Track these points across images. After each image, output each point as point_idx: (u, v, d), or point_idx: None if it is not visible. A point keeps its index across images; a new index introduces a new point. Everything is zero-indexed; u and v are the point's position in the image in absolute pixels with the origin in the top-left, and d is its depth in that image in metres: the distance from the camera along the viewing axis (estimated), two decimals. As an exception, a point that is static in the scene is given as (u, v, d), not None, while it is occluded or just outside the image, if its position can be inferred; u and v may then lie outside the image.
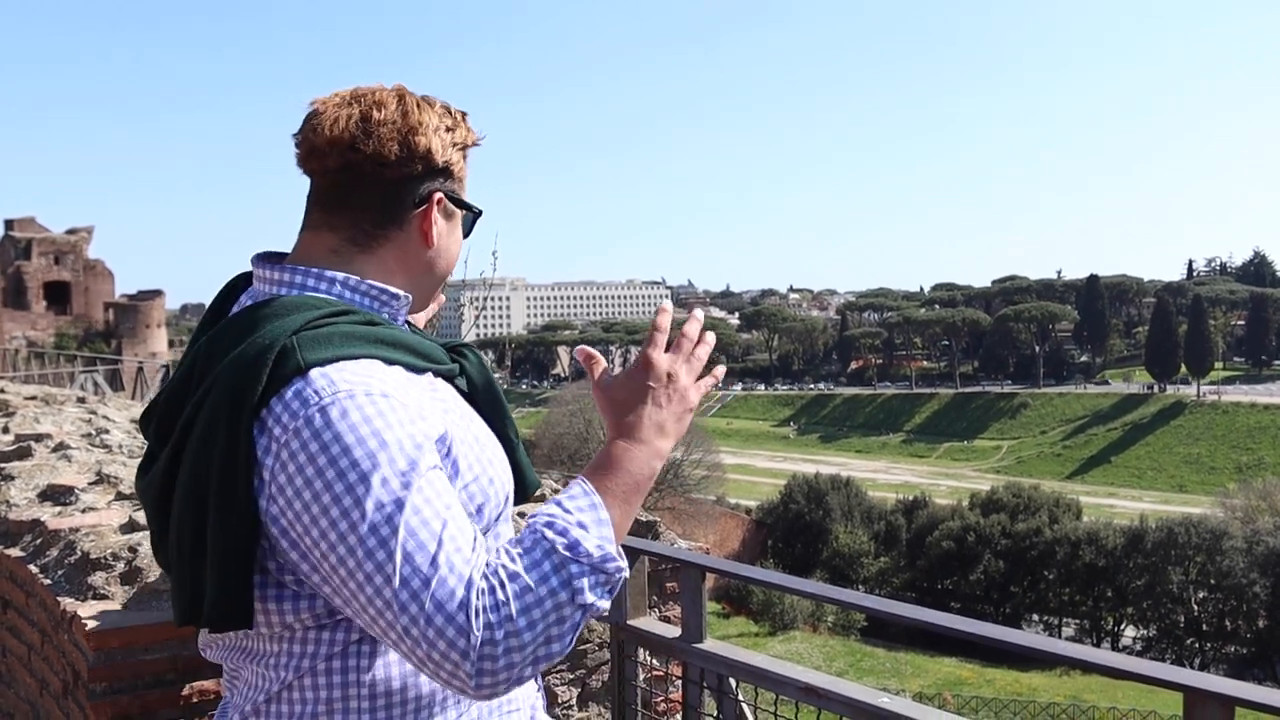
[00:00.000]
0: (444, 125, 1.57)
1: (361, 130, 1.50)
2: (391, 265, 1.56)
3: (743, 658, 2.35)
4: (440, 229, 1.58)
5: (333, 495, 1.29)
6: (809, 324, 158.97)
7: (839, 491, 53.46)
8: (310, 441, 1.31)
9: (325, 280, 1.52)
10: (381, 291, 1.54)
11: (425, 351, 1.54)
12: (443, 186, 1.58)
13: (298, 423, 1.33)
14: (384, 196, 1.53)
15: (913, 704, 2.05)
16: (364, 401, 1.33)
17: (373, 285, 1.54)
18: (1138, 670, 1.80)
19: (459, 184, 1.62)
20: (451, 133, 1.58)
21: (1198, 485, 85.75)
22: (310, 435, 1.32)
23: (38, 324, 63.02)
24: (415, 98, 1.58)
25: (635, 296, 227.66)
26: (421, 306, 1.67)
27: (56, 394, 7.94)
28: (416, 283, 1.60)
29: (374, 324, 1.48)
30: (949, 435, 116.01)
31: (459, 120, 1.61)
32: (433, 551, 1.26)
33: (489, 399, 1.66)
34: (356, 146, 1.50)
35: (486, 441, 1.56)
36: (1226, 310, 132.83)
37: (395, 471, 1.29)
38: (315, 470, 1.30)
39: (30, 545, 3.28)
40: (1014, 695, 34.22)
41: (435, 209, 1.56)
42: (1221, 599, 43.99)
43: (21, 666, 3.22)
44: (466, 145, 1.62)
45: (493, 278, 8.16)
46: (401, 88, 1.59)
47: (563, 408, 56.70)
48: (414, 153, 1.52)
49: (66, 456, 4.28)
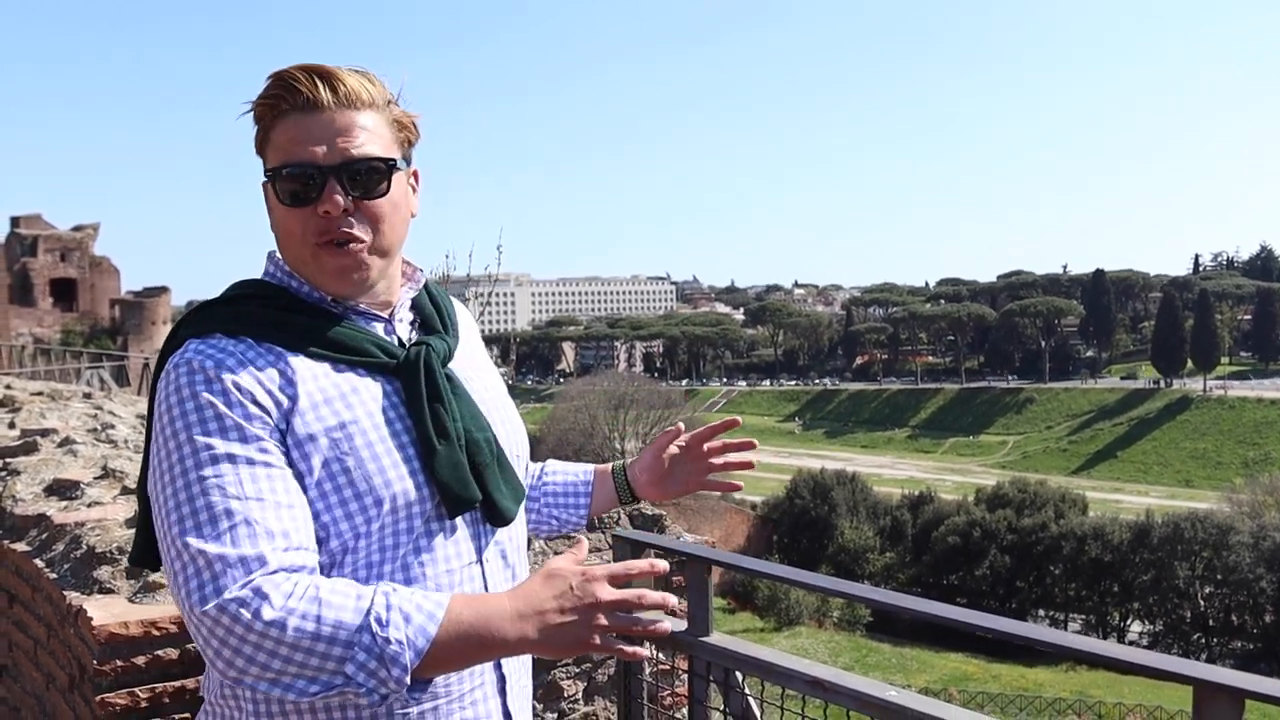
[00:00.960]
0: (252, 108, 1.58)
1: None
2: (281, 250, 1.64)
3: (749, 651, 2.34)
4: (270, 207, 1.61)
5: (162, 449, 1.46)
6: (814, 319, 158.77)
7: (844, 487, 53.47)
8: (164, 402, 1.48)
9: (272, 263, 1.65)
10: (289, 274, 1.62)
11: (331, 340, 1.55)
12: (266, 171, 1.59)
13: (163, 380, 1.51)
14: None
15: (921, 697, 2.05)
16: (206, 374, 1.46)
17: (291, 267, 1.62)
18: (1146, 662, 1.79)
19: (266, 156, 1.59)
20: (252, 114, 1.59)
21: (1204, 480, 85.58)
22: (165, 397, 1.48)
23: (44, 320, 63.13)
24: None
25: (640, 292, 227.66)
26: (319, 280, 1.59)
27: (62, 390, 7.96)
28: (292, 260, 1.62)
29: (283, 309, 1.56)
30: (954, 430, 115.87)
31: (269, 87, 1.57)
32: (210, 531, 1.38)
33: (410, 399, 1.57)
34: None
35: (376, 443, 1.51)
36: (1233, 305, 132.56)
37: (209, 450, 1.41)
38: (164, 429, 1.47)
39: (36, 540, 3.29)
40: (1020, 690, 34.25)
41: (267, 197, 1.61)
42: (1228, 594, 43.99)
43: (28, 660, 3.23)
44: (259, 117, 1.58)
45: (497, 273, 8.16)
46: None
47: (568, 403, 56.81)
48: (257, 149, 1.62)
49: (72, 451, 4.29)
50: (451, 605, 1.37)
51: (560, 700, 2.99)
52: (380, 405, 1.54)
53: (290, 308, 1.57)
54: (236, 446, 1.42)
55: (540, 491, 2.04)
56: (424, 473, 1.53)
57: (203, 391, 1.44)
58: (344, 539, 1.48)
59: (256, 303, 1.57)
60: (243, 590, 1.33)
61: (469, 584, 1.58)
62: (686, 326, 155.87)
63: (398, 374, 1.58)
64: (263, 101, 1.56)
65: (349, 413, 1.51)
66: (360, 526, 1.48)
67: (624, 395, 54.08)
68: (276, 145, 1.55)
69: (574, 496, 2.05)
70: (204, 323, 1.54)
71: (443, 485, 1.53)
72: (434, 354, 1.61)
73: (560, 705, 2.98)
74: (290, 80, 1.54)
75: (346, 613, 1.33)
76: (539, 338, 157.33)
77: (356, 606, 1.34)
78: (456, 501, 1.55)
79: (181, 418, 1.44)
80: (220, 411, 1.43)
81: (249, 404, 1.45)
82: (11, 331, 54.96)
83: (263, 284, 1.62)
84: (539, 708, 2.94)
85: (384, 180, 1.57)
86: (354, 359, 1.55)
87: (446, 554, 1.55)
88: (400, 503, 1.50)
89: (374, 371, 1.57)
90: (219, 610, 1.32)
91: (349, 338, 1.56)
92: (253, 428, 1.44)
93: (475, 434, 1.61)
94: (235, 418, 1.43)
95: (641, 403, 53.61)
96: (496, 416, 1.71)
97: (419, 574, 1.52)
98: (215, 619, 1.33)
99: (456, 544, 1.57)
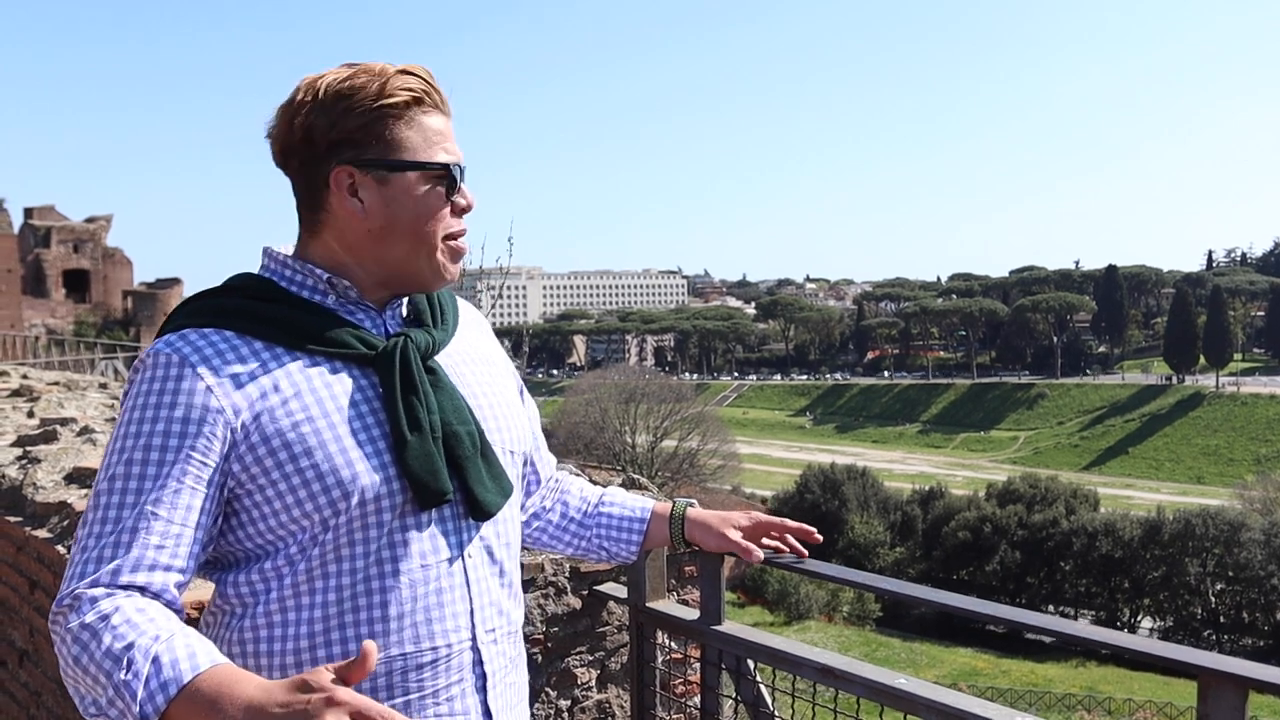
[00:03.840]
0: (339, 96, 1.52)
1: (277, 125, 1.58)
2: (335, 246, 1.60)
3: (761, 639, 2.36)
4: (370, 200, 1.55)
5: (108, 447, 1.50)
6: (825, 314, 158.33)
7: (855, 482, 53.40)
8: (124, 393, 1.54)
9: (275, 261, 1.63)
10: (310, 272, 1.60)
11: (306, 332, 1.54)
12: (351, 157, 1.54)
13: (130, 374, 1.55)
14: (301, 184, 1.60)
15: (931, 685, 2.07)
16: (159, 370, 1.49)
17: (305, 265, 1.60)
18: (1149, 650, 1.81)
19: (387, 147, 1.54)
20: (349, 99, 1.52)
21: (1216, 477, 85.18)
22: (126, 390, 1.53)
23: (57, 311, 63.34)
24: (323, 75, 1.56)
25: (651, 286, 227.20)
26: (418, 275, 1.61)
27: (78, 380, 8.01)
28: (376, 257, 1.59)
29: (263, 300, 1.57)
30: (965, 426, 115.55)
31: (376, 79, 1.54)
32: (109, 523, 1.42)
33: (385, 391, 1.55)
34: (272, 143, 1.60)
35: (344, 435, 1.50)
36: (1246, 301, 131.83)
37: (138, 444, 1.45)
38: (117, 423, 1.52)
39: (58, 527, 3.33)
40: (1029, 685, 34.19)
41: (342, 185, 1.55)
42: (1239, 591, 43.82)
43: (49, 646, 3.26)
44: (377, 108, 1.53)
45: (509, 266, 8.18)
46: (342, 66, 1.58)
47: (579, 396, 56.86)
48: (299, 137, 1.55)
49: (91, 440, 4.33)
50: (202, 676, 1.25)
51: (573, 688, 3.02)
52: (352, 398, 1.54)
53: (275, 299, 1.58)
54: (157, 454, 1.45)
55: (595, 520, 2.00)
56: (395, 465, 1.52)
57: (155, 388, 1.48)
58: (312, 531, 1.49)
59: (239, 294, 1.58)
60: (69, 598, 1.38)
61: (448, 579, 1.56)
62: (698, 320, 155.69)
63: (374, 365, 1.57)
64: (406, 92, 1.55)
65: (317, 407, 1.51)
66: (329, 519, 1.48)
67: (635, 389, 54.11)
68: (421, 138, 1.56)
69: (628, 532, 2.01)
70: (183, 316, 1.56)
71: (412, 477, 1.52)
72: (412, 345, 1.59)
73: (573, 693, 3.02)
74: (428, 79, 1.58)
75: (118, 644, 1.30)
76: (550, 331, 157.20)
77: (125, 643, 1.30)
78: (426, 494, 1.52)
79: (130, 410, 1.49)
80: (163, 414, 1.46)
81: (199, 404, 1.47)
82: (25, 322, 55.14)
83: (251, 276, 1.63)
84: (552, 695, 2.97)
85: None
86: (331, 351, 1.54)
87: (422, 549, 1.55)
88: (369, 495, 1.50)
89: (350, 363, 1.56)
90: (55, 609, 1.38)
91: (328, 330, 1.55)
92: (190, 433, 1.46)
93: (456, 427, 1.59)
94: (176, 420, 1.46)
95: (652, 396, 53.64)
96: (489, 411, 1.68)
97: (390, 569, 1.52)
98: (54, 613, 1.39)
99: (434, 539, 1.56)
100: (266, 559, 1.52)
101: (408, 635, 1.53)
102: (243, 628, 1.52)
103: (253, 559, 1.53)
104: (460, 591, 1.58)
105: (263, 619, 1.52)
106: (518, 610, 1.71)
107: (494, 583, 1.64)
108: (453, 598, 1.57)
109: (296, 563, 1.50)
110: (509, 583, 1.68)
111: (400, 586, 1.52)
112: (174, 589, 1.43)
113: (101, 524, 1.42)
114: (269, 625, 1.51)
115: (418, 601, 1.54)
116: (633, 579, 2.68)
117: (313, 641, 1.51)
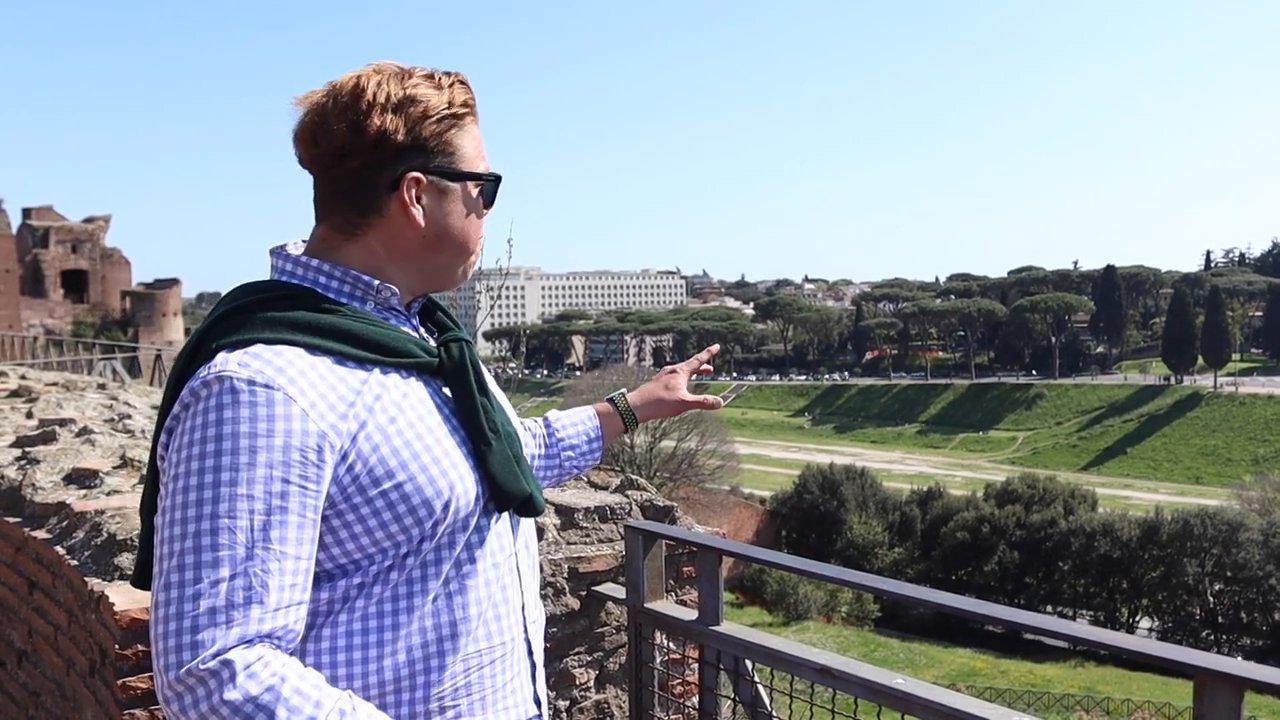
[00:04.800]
0: (410, 100, 1.49)
1: (319, 123, 1.49)
2: (379, 251, 1.55)
3: (759, 640, 2.37)
4: (430, 207, 1.53)
5: (178, 483, 1.35)
6: (824, 314, 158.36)
7: (853, 482, 53.38)
8: (188, 422, 1.37)
9: (300, 265, 1.54)
10: (356, 279, 1.54)
11: (375, 342, 1.49)
12: (421, 164, 1.51)
13: (190, 399, 1.38)
14: (355, 185, 1.51)
15: (928, 685, 2.07)
16: (242, 395, 1.35)
17: (348, 271, 1.53)
18: (1144, 650, 1.81)
19: (451, 156, 1.54)
20: (423, 104, 1.50)
21: (1214, 477, 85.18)
22: (189, 418, 1.37)
23: (55, 312, 63.30)
24: (381, 76, 1.50)
25: (650, 286, 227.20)
26: (447, 282, 1.63)
27: (77, 380, 8.01)
28: (419, 264, 1.58)
29: (319, 310, 1.48)
30: (964, 426, 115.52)
31: (438, 89, 1.52)
32: (209, 577, 1.31)
33: (461, 396, 1.56)
34: (317, 141, 1.50)
35: (434, 445, 1.49)
36: (1244, 301, 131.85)
37: (244, 479, 1.33)
38: (184, 455, 1.36)
39: (57, 527, 3.33)
40: (1028, 686, 34.20)
41: (411, 191, 1.51)
42: (1237, 591, 43.86)
43: (48, 646, 3.27)
44: (446, 116, 1.52)
45: (508, 266, 8.18)
46: (379, 66, 1.53)
47: (578, 397, 56.75)
48: (369, 138, 1.47)
49: (90, 441, 4.33)
50: None
51: (572, 688, 3.02)
52: (430, 406, 1.52)
53: (328, 309, 1.50)
54: (260, 486, 1.34)
55: (558, 448, 2.04)
56: (478, 470, 1.53)
57: (244, 414, 1.35)
58: (413, 542, 1.46)
59: (290, 304, 1.49)
60: (214, 661, 1.28)
61: (510, 575, 1.60)
62: (696, 321, 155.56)
63: (437, 373, 1.55)
64: (467, 101, 1.56)
65: (403, 419, 1.47)
66: (427, 529, 1.46)
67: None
68: (472, 149, 1.57)
69: (590, 442, 2.07)
70: (238, 330, 1.44)
71: (496, 481, 1.53)
72: (473, 351, 1.60)
73: (572, 693, 3.02)
74: (472, 89, 1.57)
75: (300, 716, 1.29)
76: (549, 331, 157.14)
77: (312, 715, 1.30)
78: (508, 496, 1.54)
79: (217, 440, 1.34)
80: (261, 443, 1.35)
81: (299, 430, 1.37)
82: (23, 323, 55.10)
83: (284, 285, 1.53)
84: (551, 695, 2.98)
85: None
86: (400, 361, 1.51)
87: (493, 548, 1.57)
88: (462, 502, 1.50)
89: (414, 372, 1.53)
90: (189, 675, 1.28)
91: (392, 339, 1.51)
92: (288, 460, 1.36)
93: (509, 427, 1.62)
94: (278, 449, 1.35)
95: (651, 397, 53.51)
96: (507, 409, 1.72)
97: (471, 569, 1.53)
98: (186, 684, 1.28)
99: (499, 537, 1.58)
100: (344, 577, 1.46)
101: (482, 633, 1.54)
102: (319, 649, 1.45)
103: (330, 577, 1.46)
104: (515, 587, 1.62)
105: (357, 636, 1.45)
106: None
107: (532, 574, 1.70)
108: (513, 592, 1.61)
109: (380, 580, 1.46)
110: (537, 573, 1.75)
111: (479, 586, 1.54)
112: (297, 630, 1.38)
113: (215, 567, 1.31)
114: (364, 645, 1.45)
115: (491, 599, 1.56)
116: (631, 580, 2.69)
117: (395, 634, 1.47)
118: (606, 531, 3.20)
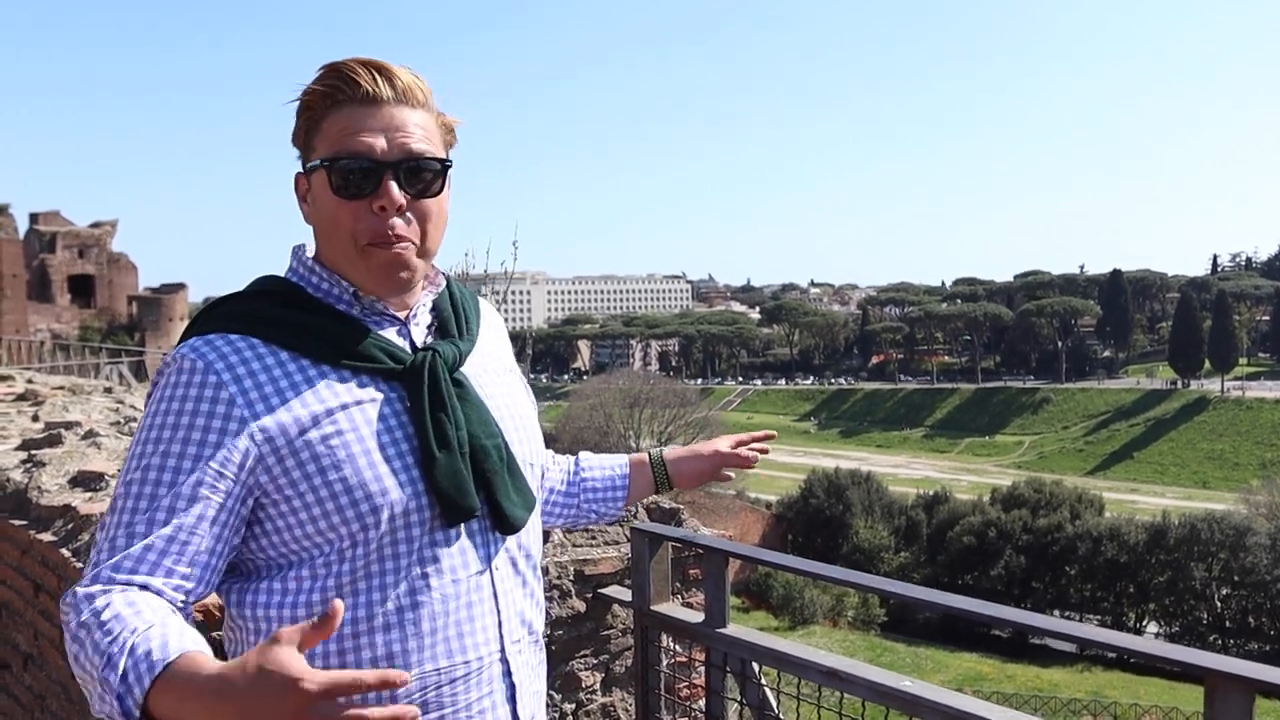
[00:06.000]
0: (303, 102, 1.57)
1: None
2: (320, 249, 1.62)
3: (765, 642, 2.36)
4: (312, 201, 1.59)
5: (136, 436, 1.50)
6: (830, 318, 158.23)
7: (859, 486, 53.25)
8: (149, 393, 1.53)
9: (303, 265, 1.63)
10: (336, 281, 1.59)
11: (336, 344, 1.52)
12: (303, 161, 1.60)
13: (156, 375, 1.53)
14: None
15: (935, 687, 2.06)
16: (183, 376, 1.47)
17: (333, 274, 1.59)
18: (1157, 652, 1.80)
19: (313, 150, 1.56)
20: (303, 103, 1.57)
21: (1221, 481, 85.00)
22: (150, 389, 1.53)
23: (62, 316, 63.40)
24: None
25: (656, 290, 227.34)
26: (372, 280, 1.56)
27: (83, 384, 8.02)
28: (334, 259, 1.58)
29: (290, 308, 1.55)
30: (970, 430, 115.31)
31: (315, 84, 1.55)
32: (120, 527, 1.42)
33: (415, 407, 1.54)
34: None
35: (372, 450, 1.49)
36: (1251, 305, 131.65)
37: (157, 450, 1.45)
38: (139, 422, 1.53)
39: (62, 530, 3.33)
40: (1035, 691, 34.10)
41: (302, 190, 1.61)
42: (1245, 595, 43.71)
43: (53, 649, 3.27)
44: (303, 109, 1.57)
45: (513, 270, 8.17)
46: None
47: (583, 401, 56.84)
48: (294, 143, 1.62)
49: (96, 444, 4.33)
50: (174, 663, 1.24)
51: (578, 691, 3.01)
52: (380, 413, 1.52)
53: (304, 307, 1.56)
54: (174, 460, 1.43)
55: (580, 488, 2.02)
56: (424, 481, 1.51)
57: (178, 394, 1.47)
58: (340, 545, 1.48)
59: (268, 301, 1.56)
60: (71, 595, 1.38)
61: (476, 593, 1.57)
62: (702, 325, 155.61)
63: (402, 380, 1.55)
64: (317, 90, 1.53)
65: (347, 421, 1.49)
66: (357, 535, 1.47)
67: (639, 394, 54.09)
68: (328, 136, 1.53)
69: (613, 490, 2.04)
70: (210, 320, 1.54)
71: (441, 494, 1.51)
72: (440, 361, 1.57)
73: (578, 696, 3.01)
74: (348, 72, 1.52)
75: (105, 639, 1.29)
76: (555, 336, 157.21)
77: (110, 638, 1.29)
78: (455, 510, 1.52)
79: (152, 415, 1.48)
80: (184, 420, 1.45)
81: (222, 414, 1.45)
82: (30, 327, 55.24)
83: (281, 281, 1.61)
84: (557, 698, 2.97)
85: (438, 180, 1.57)
86: (359, 365, 1.52)
87: (453, 564, 1.54)
88: (398, 511, 1.49)
89: (379, 378, 1.54)
90: (62, 606, 1.40)
91: (357, 343, 1.54)
92: (209, 441, 1.44)
93: (483, 441, 1.58)
94: (197, 429, 1.45)
95: (657, 401, 53.60)
96: (511, 424, 1.68)
97: (423, 584, 1.51)
98: (61, 613, 1.41)
99: (463, 553, 1.56)
100: (290, 569, 1.50)
101: (441, 650, 1.52)
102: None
103: (275, 568, 1.51)
104: (489, 604, 1.59)
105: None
106: (539, 618, 1.72)
107: (519, 593, 1.65)
108: (482, 610, 1.57)
109: (323, 577, 1.49)
110: (531, 592, 1.69)
111: (433, 601, 1.52)
112: (174, 592, 1.40)
113: (116, 527, 1.42)
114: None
115: (450, 616, 1.53)
116: (637, 582, 2.68)
117: (341, 646, 1.48)
118: (612, 534, 3.19)
